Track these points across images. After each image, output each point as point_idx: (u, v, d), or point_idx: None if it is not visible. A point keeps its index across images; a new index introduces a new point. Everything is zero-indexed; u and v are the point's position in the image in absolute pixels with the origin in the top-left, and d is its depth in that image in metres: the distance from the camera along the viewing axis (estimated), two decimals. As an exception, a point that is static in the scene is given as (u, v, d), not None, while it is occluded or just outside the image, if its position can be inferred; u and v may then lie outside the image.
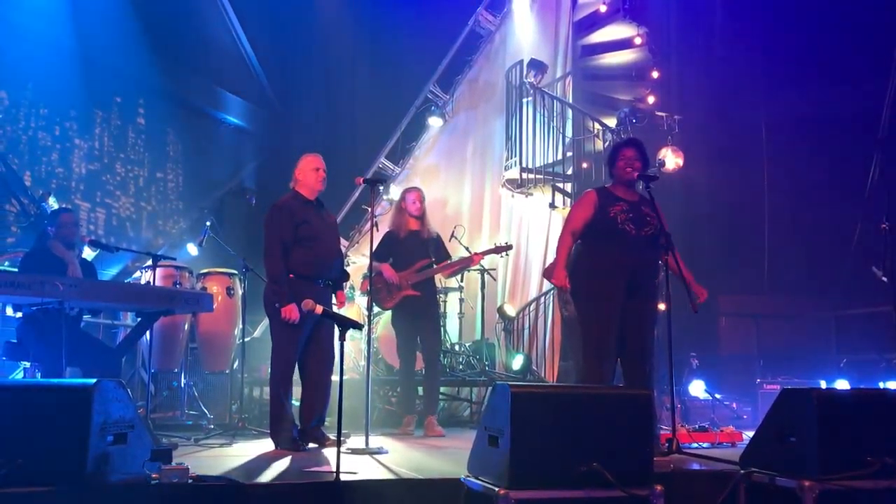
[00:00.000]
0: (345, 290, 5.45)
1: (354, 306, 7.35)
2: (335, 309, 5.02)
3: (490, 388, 5.64)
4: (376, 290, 6.04)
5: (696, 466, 3.97)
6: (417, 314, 6.08)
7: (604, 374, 4.44)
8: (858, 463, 3.16)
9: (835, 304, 8.16)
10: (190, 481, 3.10)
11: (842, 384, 6.89)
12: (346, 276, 5.48)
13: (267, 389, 5.57)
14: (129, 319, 6.63)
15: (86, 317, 5.70)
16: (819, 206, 8.66)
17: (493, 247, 6.55)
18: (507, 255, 6.94)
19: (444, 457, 4.57)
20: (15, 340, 5.15)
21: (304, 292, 4.64)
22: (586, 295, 4.61)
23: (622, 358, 4.53)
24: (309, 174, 5.05)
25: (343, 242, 7.93)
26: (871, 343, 7.45)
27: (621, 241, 4.50)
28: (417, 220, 6.17)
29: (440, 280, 7.19)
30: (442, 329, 7.07)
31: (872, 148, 8.39)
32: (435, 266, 6.18)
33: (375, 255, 5.89)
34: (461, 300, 7.90)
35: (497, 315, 8.40)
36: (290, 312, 4.70)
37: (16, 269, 5.35)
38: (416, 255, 6.13)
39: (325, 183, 5.09)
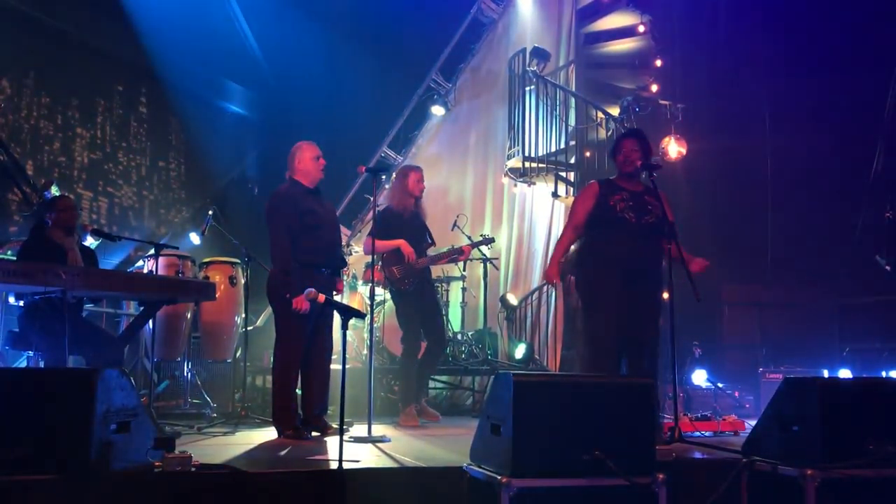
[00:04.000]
0: (343, 279, 5.43)
1: (357, 295, 7.34)
2: (335, 297, 5.03)
3: (492, 377, 5.63)
4: (390, 270, 5.78)
5: (698, 455, 3.97)
6: (423, 302, 5.90)
7: (606, 363, 4.44)
8: (861, 452, 3.16)
9: (838, 292, 8.13)
10: (193, 469, 3.11)
11: (844, 373, 6.88)
12: (344, 264, 5.47)
13: (269, 378, 5.58)
14: (131, 308, 6.63)
15: (88, 306, 5.69)
16: (822, 194, 8.62)
17: (478, 240, 6.48)
18: (491, 246, 6.87)
19: (447, 445, 4.57)
20: (17, 330, 5.15)
21: (308, 281, 4.65)
22: (588, 284, 4.61)
23: (626, 346, 4.53)
24: (310, 163, 5.05)
25: (345, 231, 7.91)
26: (874, 332, 7.43)
27: (621, 229, 4.50)
28: (416, 201, 5.93)
29: (442, 269, 7.17)
30: None
31: (876, 136, 8.36)
32: (439, 252, 6.03)
33: (380, 234, 5.62)
34: (464, 289, 7.90)
35: (499, 304, 8.40)
36: (302, 303, 4.69)
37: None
38: (422, 237, 5.91)
39: (323, 171, 5.10)
